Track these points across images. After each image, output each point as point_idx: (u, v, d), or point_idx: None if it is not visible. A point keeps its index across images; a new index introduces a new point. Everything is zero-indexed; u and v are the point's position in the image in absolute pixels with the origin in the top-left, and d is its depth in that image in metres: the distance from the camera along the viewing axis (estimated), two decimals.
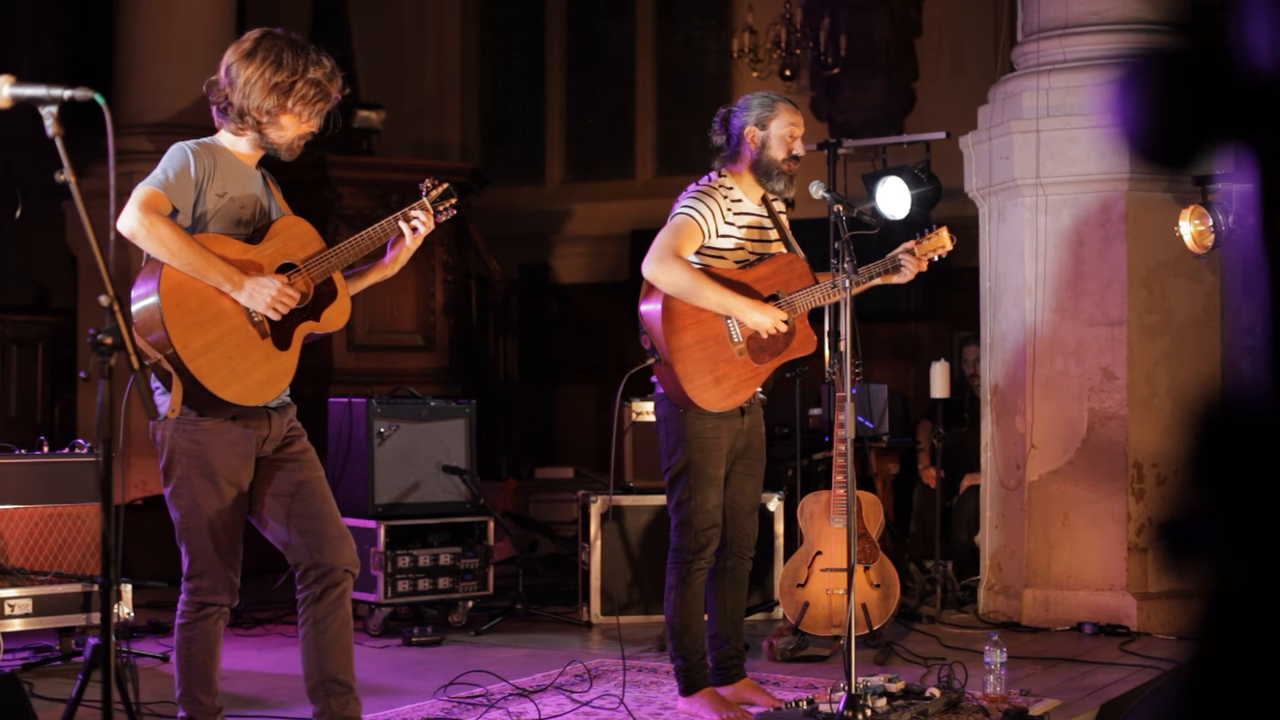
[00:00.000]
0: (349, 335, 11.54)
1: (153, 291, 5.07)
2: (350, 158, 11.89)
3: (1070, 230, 8.74)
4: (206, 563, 5.34)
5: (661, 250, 6.17)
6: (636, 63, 15.87)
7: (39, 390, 12.96)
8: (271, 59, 5.37)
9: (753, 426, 6.54)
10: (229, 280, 5.19)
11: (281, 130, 5.42)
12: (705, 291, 6.16)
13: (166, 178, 5.18)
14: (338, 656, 5.49)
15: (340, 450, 8.78)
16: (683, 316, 6.18)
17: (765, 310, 6.22)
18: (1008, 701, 6.42)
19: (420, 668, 7.58)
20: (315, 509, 5.47)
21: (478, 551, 8.85)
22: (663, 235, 6.22)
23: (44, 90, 3.99)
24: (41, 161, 6.65)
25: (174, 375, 5.09)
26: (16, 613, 7.45)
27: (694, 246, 6.23)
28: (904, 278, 6.56)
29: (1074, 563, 8.69)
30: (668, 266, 6.14)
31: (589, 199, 15.65)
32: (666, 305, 6.16)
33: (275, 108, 5.36)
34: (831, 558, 7.72)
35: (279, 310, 5.28)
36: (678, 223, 6.24)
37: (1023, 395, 8.83)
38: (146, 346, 5.08)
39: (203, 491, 5.30)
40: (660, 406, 6.43)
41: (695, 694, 6.40)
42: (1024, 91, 8.89)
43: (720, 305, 6.18)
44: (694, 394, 6.17)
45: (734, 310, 6.19)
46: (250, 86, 5.34)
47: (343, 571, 5.46)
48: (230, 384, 5.19)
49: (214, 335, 5.17)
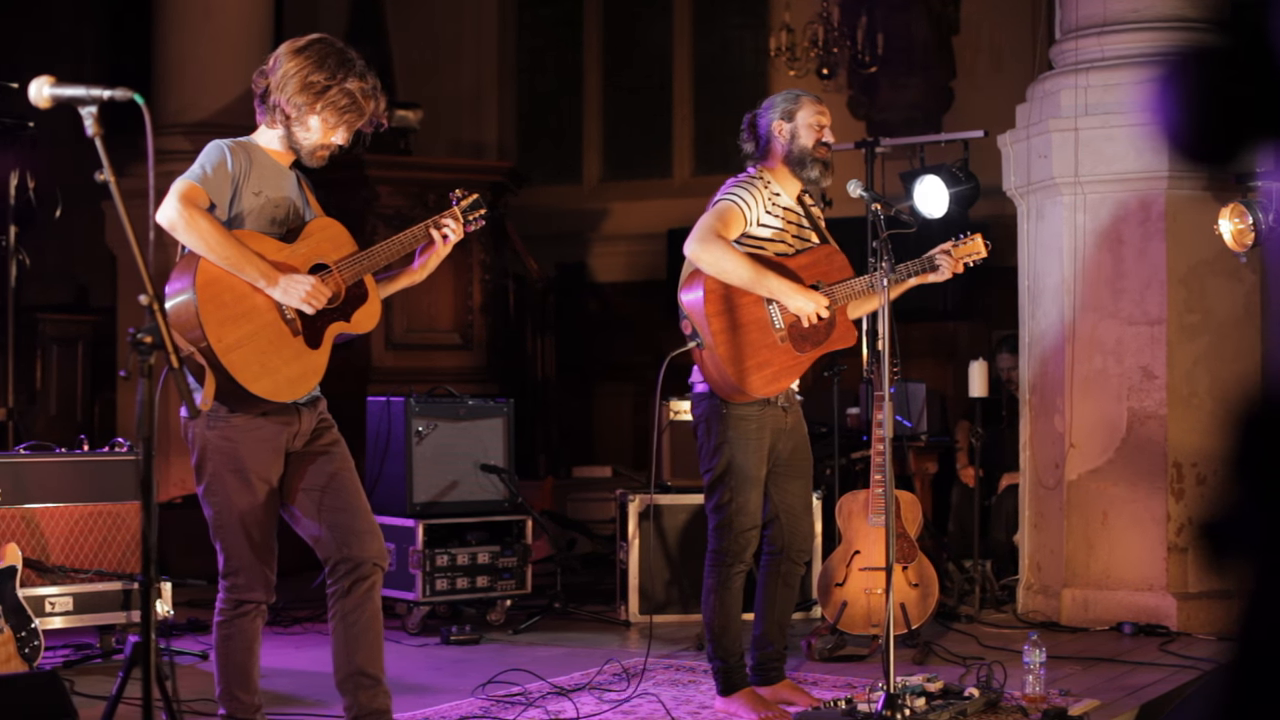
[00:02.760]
0: (387, 334, 11.56)
1: (189, 285, 5.09)
2: (388, 157, 11.91)
3: (1109, 229, 8.70)
4: (242, 560, 5.37)
5: (704, 230, 6.15)
6: (674, 61, 15.86)
7: (79, 389, 13.02)
8: (315, 59, 5.41)
9: (796, 425, 6.52)
10: (264, 276, 5.21)
11: (307, 132, 5.44)
12: (747, 272, 6.13)
13: (205, 172, 5.21)
14: (367, 650, 5.57)
15: (378, 449, 8.80)
16: (725, 300, 6.15)
17: (808, 295, 6.20)
18: (1047, 701, 6.40)
19: (458, 666, 7.59)
20: (345, 502, 5.49)
21: (516, 550, 8.85)
22: (705, 217, 6.21)
23: (84, 90, 4.01)
24: (81, 161, 6.68)
25: (207, 369, 5.11)
26: (57, 610, 7.49)
27: (736, 231, 6.21)
28: (941, 276, 6.54)
29: (1113, 562, 8.65)
30: (710, 245, 6.11)
31: (626, 198, 15.64)
32: (708, 289, 6.14)
33: (304, 106, 5.38)
34: (870, 557, 7.71)
35: (312, 306, 5.30)
36: (721, 207, 6.23)
37: (1061, 394, 8.80)
38: (180, 340, 5.09)
39: (235, 488, 5.33)
40: (698, 407, 6.40)
41: (733, 694, 6.40)
42: (1062, 90, 8.86)
43: (762, 286, 6.15)
44: (737, 378, 6.13)
45: (775, 292, 6.17)
46: (287, 79, 5.38)
47: (371, 565, 5.50)
48: (261, 379, 5.21)
49: (248, 330, 5.20)
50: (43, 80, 4.05)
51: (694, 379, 6.42)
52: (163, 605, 7.42)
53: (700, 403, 6.39)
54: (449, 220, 5.67)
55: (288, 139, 5.45)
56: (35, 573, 7.43)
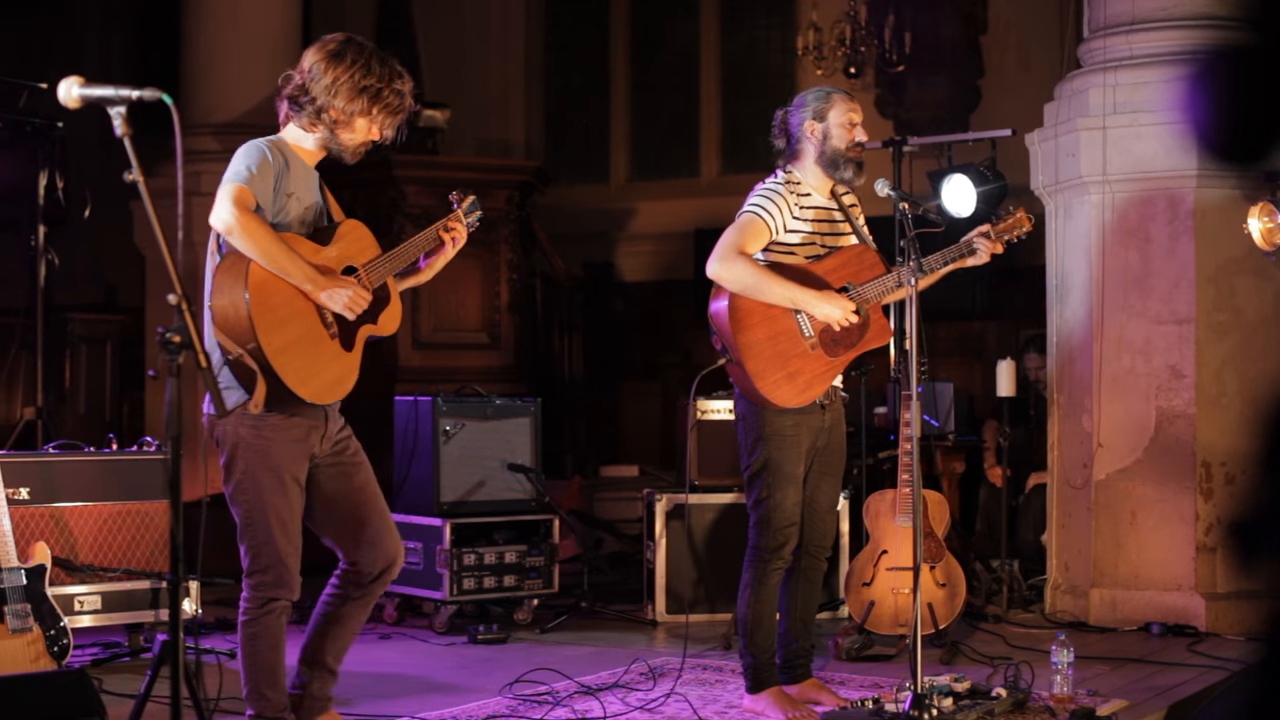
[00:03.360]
0: (414, 334, 11.57)
1: (241, 288, 5.12)
2: (415, 156, 11.91)
3: (1137, 227, 8.68)
4: (270, 557, 5.41)
5: (725, 249, 6.14)
6: (701, 60, 15.87)
7: (108, 388, 13.05)
8: (362, 63, 5.47)
9: (834, 424, 6.50)
10: (311, 281, 5.24)
11: (353, 133, 5.50)
12: (770, 286, 6.12)
13: (250, 173, 5.23)
14: (341, 646, 5.78)
15: (406, 448, 8.81)
16: (751, 314, 6.14)
17: (834, 301, 6.17)
18: (1075, 702, 6.38)
19: (486, 665, 7.60)
20: (362, 513, 5.62)
21: (543, 549, 8.86)
22: (728, 233, 6.18)
23: (112, 91, 4.02)
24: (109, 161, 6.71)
25: (257, 372, 5.14)
26: (86, 609, 7.51)
27: (760, 244, 6.20)
28: (979, 259, 6.49)
29: (1141, 562, 8.63)
30: (731, 264, 6.11)
31: (653, 197, 15.65)
32: (733, 303, 6.12)
33: (359, 111, 5.47)
34: (897, 557, 7.70)
35: (354, 312, 5.33)
36: (743, 220, 6.21)
37: (1089, 394, 8.78)
38: (228, 342, 5.16)
39: (267, 486, 5.37)
40: (740, 404, 6.40)
41: (762, 692, 6.39)
42: (1090, 88, 8.84)
43: (786, 299, 6.14)
44: (767, 391, 6.13)
45: (800, 303, 6.15)
46: (338, 86, 5.43)
47: (377, 579, 5.66)
48: (308, 382, 5.25)
49: (294, 333, 5.23)
50: (72, 81, 4.06)
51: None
52: (191, 604, 7.44)
53: (741, 400, 6.39)
54: (455, 224, 5.73)
55: (329, 140, 5.50)
56: (64, 571, 7.45)
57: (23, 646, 6.58)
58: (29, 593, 6.69)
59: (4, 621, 6.54)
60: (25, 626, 6.61)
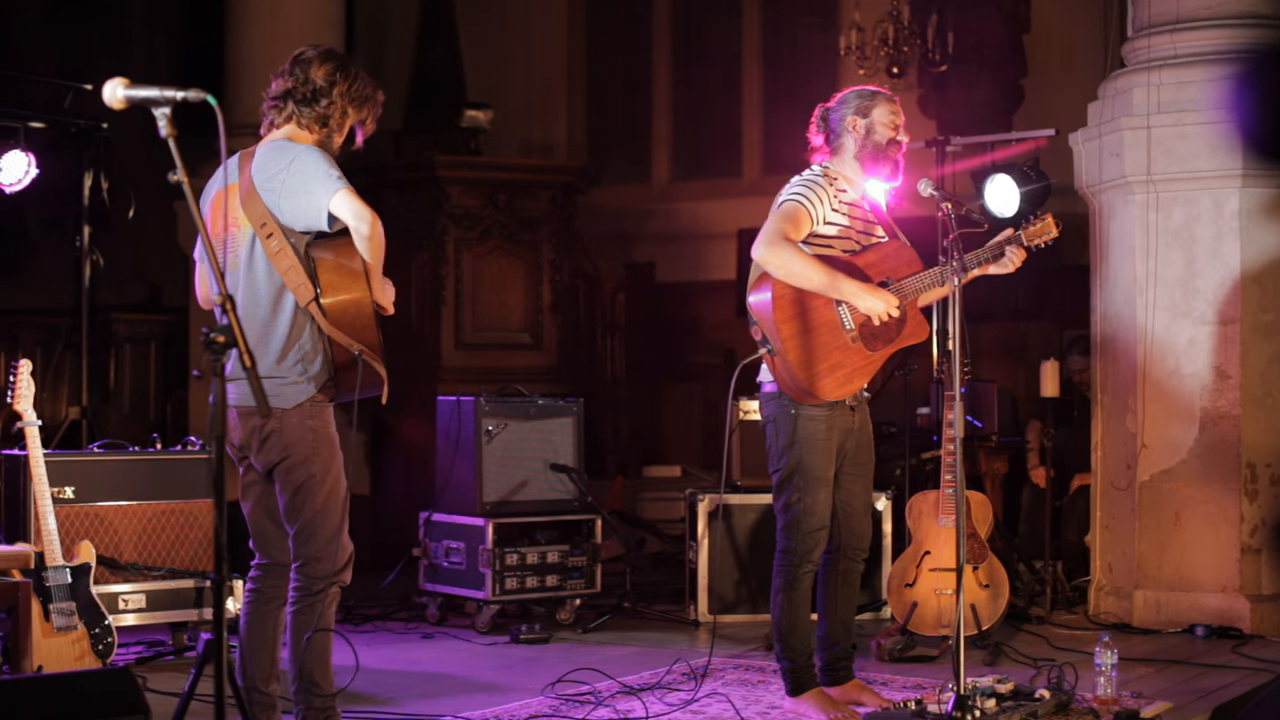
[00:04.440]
0: (457, 334, 11.59)
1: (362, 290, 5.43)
2: (458, 157, 11.92)
3: (1182, 227, 8.64)
4: (333, 542, 5.55)
5: (771, 233, 6.11)
6: (743, 61, 15.84)
7: (151, 388, 13.11)
8: (360, 74, 5.73)
9: (862, 425, 6.49)
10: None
11: (341, 137, 5.74)
12: (816, 274, 6.08)
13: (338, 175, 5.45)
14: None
15: (449, 448, 8.83)
16: (794, 304, 6.11)
17: (878, 294, 6.15)
18: (1119, 703, 6.36)
19: (528, 665, 7.61)
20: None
21: (585, 549, 8.87)
22: (772, 219, 6.17)
23: (157, 92, 4.04)
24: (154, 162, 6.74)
25: (380, 366, 5.47)
26: (130, 608, 7.56)
27: (803, 232, 6.16)
28: (1004, 269, 6.47)
29: (1186, 564, 8.59)
30: (778, 249, 6.07)
31: (695, 197, 15.63)
32: (777, 293, 6.09)
33: (356, 115, 5.72)
34: (940, 557, 7.69)
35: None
36: (786, 208, 6.19)
37: (1134, 394, 8.74)
38: (343, 338, 5.43)
39: (339, 469, 5.58)
40: (767, 406, 6.38)
41: (803, 694, 6.38)
42: (1134, 87, 8.80)
43: (831, 288, 6.10)
44: (809, 382, 6.10)
45: (845, 294, 6.12)
46: (351, 95, 5.66)
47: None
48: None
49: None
50: (117, 82, 4.08)
51: (761, 378, 6.39)
52: (234, 603, 7.47)
53: (769, 402, 6.36)
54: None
55: (326, 143, 5.67)
56: (108, 570, 7.50)
57: (67, 645, 6.62)
58: (74, 591, 6.72)
59: (49, 620, 6.58)
60: (70, 625, 6.64)
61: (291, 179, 5.40)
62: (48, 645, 6.53)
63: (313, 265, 5.44)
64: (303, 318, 5.42)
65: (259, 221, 5.39)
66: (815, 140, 6.51)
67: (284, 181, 5.41)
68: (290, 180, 5.40)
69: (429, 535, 8.89)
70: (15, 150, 9.58)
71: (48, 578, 6.64)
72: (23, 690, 4.74)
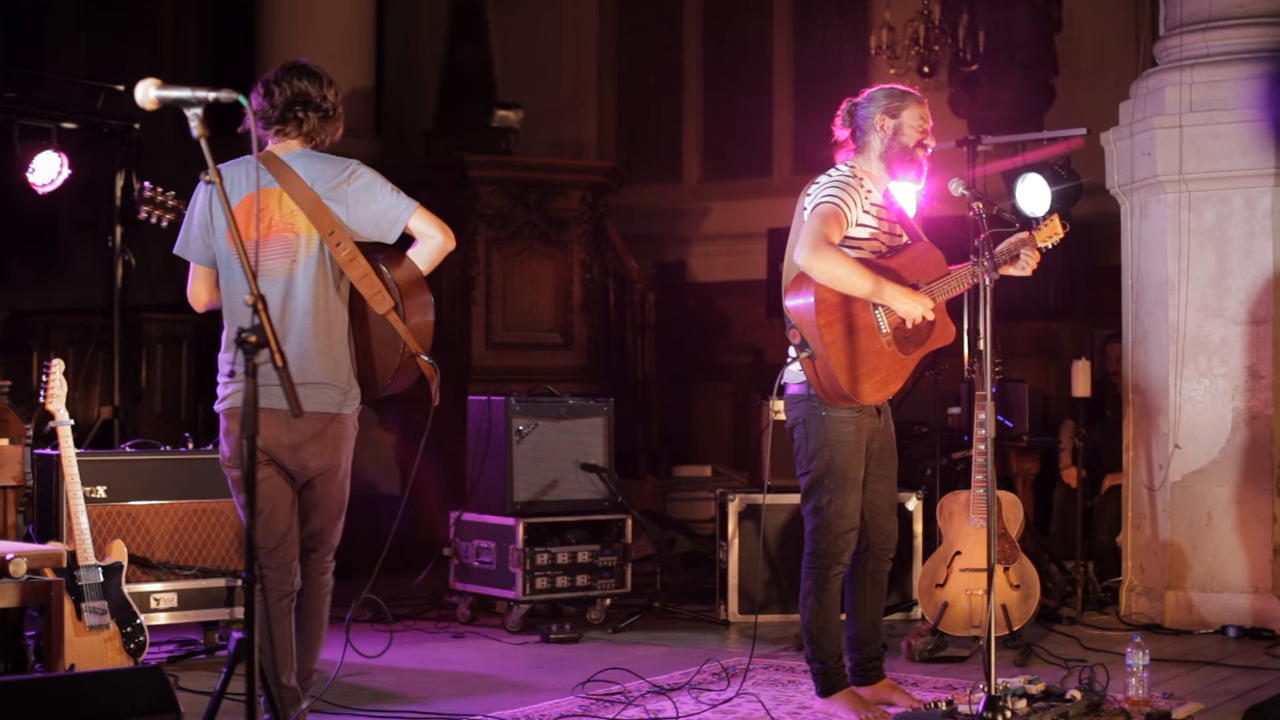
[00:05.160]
0: (487, 334, 11.60)
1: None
2: (489, 157, 11.94)
3: (1214, 227, 8.61)
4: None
5: (814, 237, 6.05)
6: (774, 60, 15.83)
7: (183, 387, 13.14)
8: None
9: (885, 425, 6.48)
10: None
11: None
12: (860, 279, 6.04)
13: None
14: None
15: (479, 448, 8.84)
16: (835, 309, 6.07)
17: (916, 297, 6.14)
18: (1150, 704, 6.34)
19: (558, 664, 7.61)
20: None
21: (615, 549, 8.87)
22: (811, 223, 6.11)
23: (189, 92, 4.05)
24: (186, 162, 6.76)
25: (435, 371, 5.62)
26: (162, 606, 7.58)
27: (841, 235, 6.13)
28: (1022, 271, 6.47)
29: (1218, 564, 8.56)
30: (823, 253, 6.02)
31: (726, 197, 15.62)
32: (819, 297, 6.04)
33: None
34: (971, 558, 7.67)
35: None
36: (824, 210, 6.14)
37: (1166, 395, 8.72)
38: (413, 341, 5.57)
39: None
40: (794, 409, 6.36)
41: (833, 695, 6.37)
42: (1166, 86, 8.77)
43: (875, 292, 6.06)
44: (850, 386, 6.07)
45: (887, 297, 6.09)
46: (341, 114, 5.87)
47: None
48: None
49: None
50: (149, 83, 4.09)
51: (787, 380, 6.36)
52: None
53: (797, 405, 6.34)
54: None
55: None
56: (140, 569, 7.52)
57: (100, 643, 6.64)
58: (106, 590, 6.75)
59: (81, 619, 6.60)
60: (102, 624, 6.66)
61: (357, 190, 5.54)
62: (80, 644, 6.55)
63: (388, 275, 5.57)
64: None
65: (328, 229, 5.43)
66: (839, 134, 6.49)
67: (346, 192, 5.52)
68: (355, 192, 5.54)
69: (459, 535, 8.90)
70: (48, 151, 9.63)
71: (80, 577, 6.66)
72: (55, 689, 4.76)
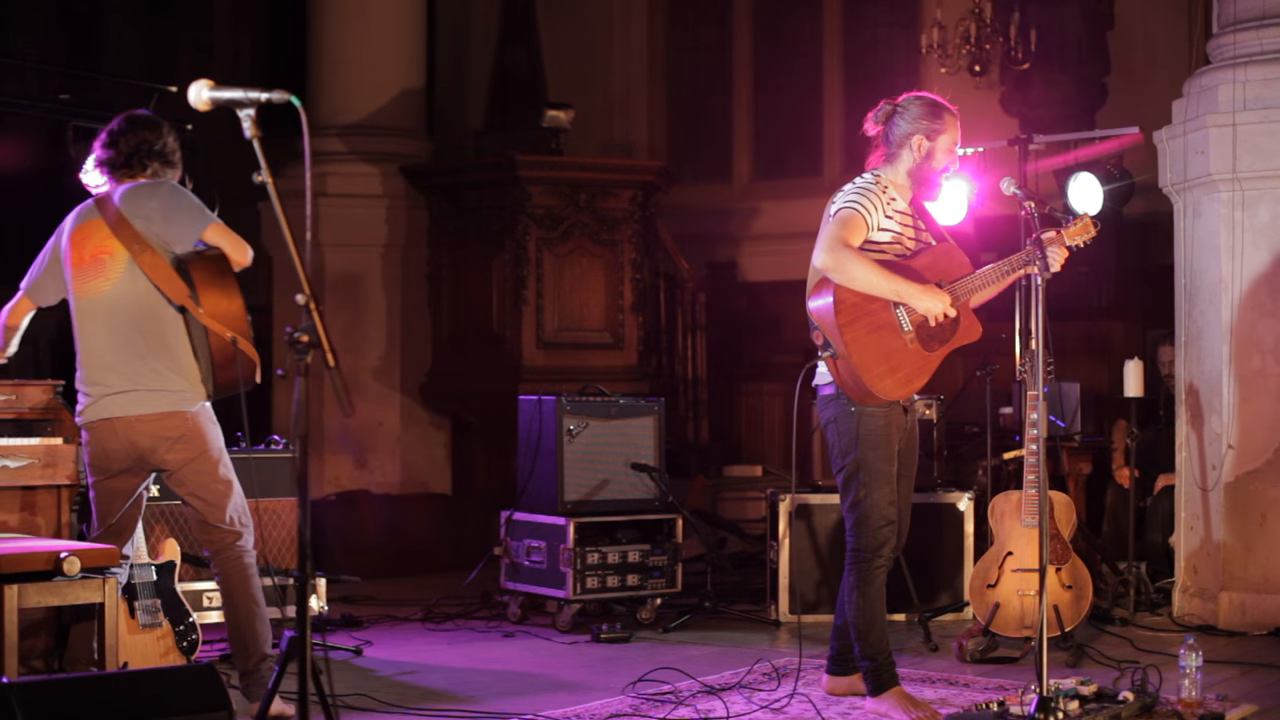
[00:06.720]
0: (538, 334, 11.61)
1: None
2: (539, 157, 11.94)
3: (1268, 226, 8.56)
4: None
5: (831, 240, 6.20)
6: (824, 59, 15.80)
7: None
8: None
9: (912, 426, 6.62)
10: None
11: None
12: (877, 278, 6.18)
13: None
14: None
15: (530, 447, 8.85)
16: (854, 308, 6.19)
17: (935, 294, 6.24)
18: (1203, 706, 6.31)
19: (609, 664, 7.62)
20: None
21: (666, 549, 8.87)
22: (830, 227, 6.27)
23: (242, 93, 4.07)
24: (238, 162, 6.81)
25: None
26: (214, 605, 7.61)
27: (860, 239, 6.26)
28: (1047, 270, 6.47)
29: (1272, 565, 8.51)
30: (839, 255, 6.16)
31: (777, 197, 15.59)
32: (838, 298, 6.18)
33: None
34: (1023, 558, 7.65)
35: None
36: (843, 215, 6.28)
37: (1219, 395, 8.67)
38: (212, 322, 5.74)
39: None
40: (826, 409, 6.46)
41: (884, 693, 6.37)
42: (1219, 85, 8.72)
43: (892, 291, 6.19)
44: (872, 384, 6.16)
45: (905, 295, 6.20)
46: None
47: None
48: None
49: None
50: (202, 84, 4.12)
51: (818, 381, 6.49)
52: (317, 601, 7.51)
53: (828, 404, 6.45)
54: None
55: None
56: (193, 568, 7.56)
57: (153, 641, 6.68)
58: (159, 589, 6.78)
59: (134, 617, 6.64)
60: (155, 622, 6.70)
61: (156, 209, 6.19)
62: (133, 642, 6.59)
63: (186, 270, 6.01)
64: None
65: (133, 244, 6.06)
66: (870, 130, 6.59)
67: (150, 208, 6.17)
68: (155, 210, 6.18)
69: (510, 534, 8.92)
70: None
71: (133, 576, 6.70)
72: (109, 686, 4.79)
